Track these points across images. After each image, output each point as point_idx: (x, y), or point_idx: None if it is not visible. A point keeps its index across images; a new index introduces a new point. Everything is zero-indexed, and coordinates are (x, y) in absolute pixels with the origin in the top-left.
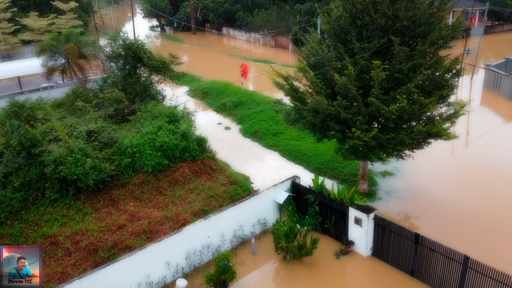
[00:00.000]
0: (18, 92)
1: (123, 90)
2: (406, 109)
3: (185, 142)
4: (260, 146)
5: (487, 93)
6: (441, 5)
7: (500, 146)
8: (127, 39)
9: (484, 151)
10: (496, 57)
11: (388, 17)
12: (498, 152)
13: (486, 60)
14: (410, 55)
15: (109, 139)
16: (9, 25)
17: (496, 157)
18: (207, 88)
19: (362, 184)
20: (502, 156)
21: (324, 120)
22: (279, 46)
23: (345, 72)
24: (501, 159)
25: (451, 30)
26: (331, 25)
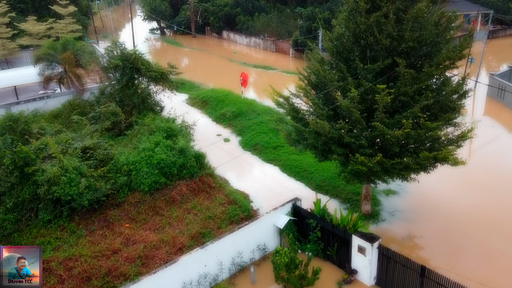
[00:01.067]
0: (15, 102)
1: (120, 101)
2: (411, 134)
3: (183, 159)
4: (260, 160)
5: (491, 103)
6: (448, 24)
7: (508, 163)
8: (124, 49)
9: (492, 165)
10: (500, 61)
11: (393, 38)
12: (507, 169)
13: (489, 66)
14: (416, 78)
15: (104, 155)
16: (7, 29)
17: (505, 174)
18: (207, 97)
19: (365, 205)
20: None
21: (326, 143)
22: (280, 51)
23: (348, 95)
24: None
25: (459, 50)
26: (333, 43)
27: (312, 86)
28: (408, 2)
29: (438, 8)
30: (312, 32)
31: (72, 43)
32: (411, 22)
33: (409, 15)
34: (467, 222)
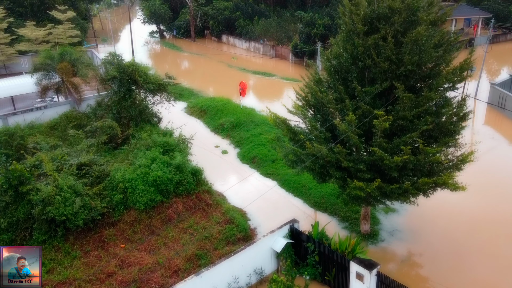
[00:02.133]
0: (11, 112)
1: (117, 113)
2: (411, 159)
3: (179, 175)
4: (258, 174)
5: (491, 113)
6: (448, 46)
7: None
8: (121, 61)
9: (494, 181)
10: (501, 66)
11: (392, 61)
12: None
13: (490, 71)
14: (415, 101)
15: (100, 172)
16: (5, 35)
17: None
18: (205, 106)
19: (364, 225)
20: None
21: (324, 166)
22: (279, 56)
23: (346, 119)
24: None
25: (459, 73)
26: (331, 62)
27: (310, 106)
28: (407, 24)
29: (438, 29)
30: (311, 38)
31: (70, 53)
32: (410, 46)
33: (408, 39)
34: (468, 240)
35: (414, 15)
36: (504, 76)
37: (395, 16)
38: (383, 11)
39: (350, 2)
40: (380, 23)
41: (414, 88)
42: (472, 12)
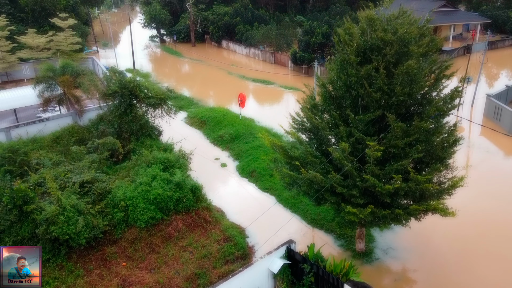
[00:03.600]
0: (14, 125)
1: (119, 128)
2: (402, 187)
3: (179, 192)
4: (257, 189)
5: (487, 124)
6: (439, 74)
7: (506, 191)
8: (123, 77)
9: (489, 194)
10: (499, 72)
11: (384, 91)
12: (506, 203)
13: (489, 77)
14: (406, 131)
15: (102, 189)
16: (7, 43)
17: (504, 209)
18: (205, 117)
19: (359, 244)
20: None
21: (319, 190)
22: (279, 62)
23: (340, 147)
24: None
25: (449, 101)
26: (326, 88)
27: (305, 130)
28: (399, 55)
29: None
30: (310, 47)
31: (71, 66)
32: (401, 77)
33: (399, 71)
34: (462, 257)
35: (405, 47)
36: (500, 87)
37: (387, 48)
38: (376, 42)
39: (344, 31)
40: (372, 53)
41: (405, 117)
42: (470, 18)
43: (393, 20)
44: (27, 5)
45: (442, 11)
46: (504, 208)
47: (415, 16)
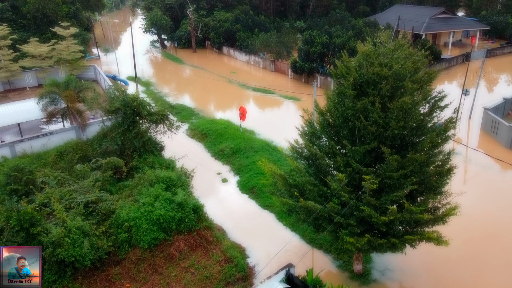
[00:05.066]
0: (19, 140)
1: (122, 144)
2: (397, 217)
3: (181, 212)
4: (257, 206)
5: (484, 138)
6: (432, 109)
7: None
8: (126, 96)
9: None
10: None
11: (379, 125)
12: (505, 221)
13: (487, 86)
14: (401, 163)
15: (106, 209)
16: (9, 51)
17: (503, 227)
18: (206, 129)
19: (356, 265)
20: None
21: (318, 219)
22: (279, 70)
23: (337, 177)
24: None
25: (443, 133)
26: (324, 116)
27: (303, 158)
28: (394, 89)
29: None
30: (310, 56)
31: (75, 82)
32: (396, 112)
33: (394, 106)
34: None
35: (401, 81)
36: (497, 99)
37: (383, 83)
38: (372, 77)
39: (342, 64)
40: (369, 87)
41: (401, 145)
42: (470, 24)
43: (389, 54)
44: (29, 12)
45: (441, 17)
46: (500, 229)
47: (410, 49)
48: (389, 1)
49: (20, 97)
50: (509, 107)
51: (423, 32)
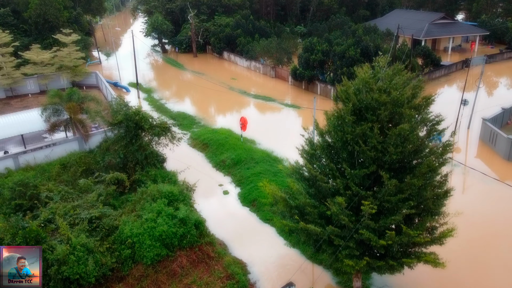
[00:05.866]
0: (22, 151)
1: (124, 157)
2: (395, 240)
3: (183, 228)
4: (257, 219)
5: (483, 148)
6: (430, 132)
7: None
8: (128, 109)
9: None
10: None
11: (378, 150)
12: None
13: (486, 90)
14: (399, 188)
15: (110, 225)
16: (11, 59)
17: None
18: (207, 139)
19: (356, 282)
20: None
21: (318, 240)
22: (279, 77)
23: (336, 201)
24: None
25: (440, 156)
26: (324, 137)
27: (304, 179)
28: (392, 115)
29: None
30: (310, 64)
31: (77, 94)
32: (394, 138)
33: (392, 133)
34: None
35: (399, 107)
36: (496, 109)
37: (381, 108)
38: (371, 103)
39: (341, 90)
40: (367, 112)
41: (399, 168)
42: (469, 30)
43: (387, 79)
44: (30, 18)
45: (441, 23)
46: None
47: (408, 73)
48: (389, 5)
49: (22, 104)
50: (507, 116)
51: (422, 38)
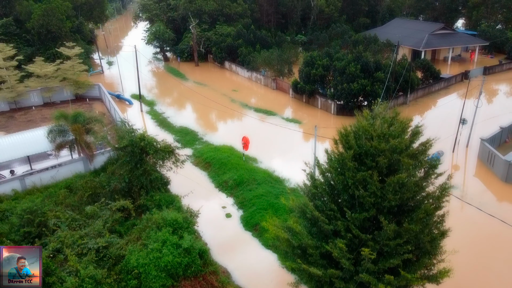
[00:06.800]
0: (29, 173)
1: (129, 182)
2: (394, 283)
3: (188, 258)
4: (260, 245)
5: (481, 169)
6: (428, 174)
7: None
8: (133, 136)
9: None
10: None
11: (377, 196)
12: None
13: (486, 100)
14: (398, 232)
15: (116, 255)
16: (15, 72)
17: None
18: (210, 158)
19: None
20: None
21: (319, 281)
22: (280, 88)
23: (337, 245)
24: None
25: (437, 200)
26: (325, 175)
27: (305, 218)
28: (391, 162)
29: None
30: (310, 78)
31: (82, 116)
32: (393, 186)
33: (391, 181)
34: None
35: (398, 154)
36: (494, 128)
37: (381, 156)
38: (370, 150)
39: (342, 136)
40: (367, 159)
41: (397, 212)
42: (469, 40)
43: (385, 127)
44: (33, 28)
45: (441, 33)
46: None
47: (407, 119)
48: (389, 12)
49: (26, 117)
50: (506, 135)
51: (422, 49)
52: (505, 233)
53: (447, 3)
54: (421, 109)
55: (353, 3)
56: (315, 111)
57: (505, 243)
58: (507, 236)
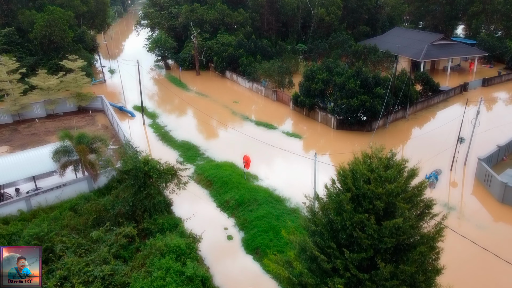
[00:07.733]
0: (34, 193)
1: (133, 205)
2: None
3: (191, 285)
4: (261, 270)
5: (478, 188)
6: (423, 215)
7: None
8: (137, 160)
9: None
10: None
11: (374, 238)
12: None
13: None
14: (394, 273)
15: (121, 283)
16: (18, 84)
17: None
18: (211, 176)
19: None
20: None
21: None
22: (281, 100)
23: (337, 285)
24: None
25: (432, 242)
26: (324, 212)
27: (305, 256)
28: (387, 205)
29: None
30: (310, 92)
31: (86, 138)
32: (389, 229)
33: (387, 225)
34: None
35: (394, 197)
36: (491, 147)
37: (378, 201)
38: (367, 193)
39: (340, 175)
40: (365, 201)
41: (394, 251)
42: (468, 51)
43: (381, 169)
44: (36, 38)
45: (440, 44)
46: None
47: (404, 161)
48: (389, 20)
49: (30, 130)
50: (503, 153)
51: (421, 60)
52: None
53: (447, 10)
54: (420, 123)
55: (353, 12)
56: (315, 125)
57: (500, 276)
58: (503, 269)
